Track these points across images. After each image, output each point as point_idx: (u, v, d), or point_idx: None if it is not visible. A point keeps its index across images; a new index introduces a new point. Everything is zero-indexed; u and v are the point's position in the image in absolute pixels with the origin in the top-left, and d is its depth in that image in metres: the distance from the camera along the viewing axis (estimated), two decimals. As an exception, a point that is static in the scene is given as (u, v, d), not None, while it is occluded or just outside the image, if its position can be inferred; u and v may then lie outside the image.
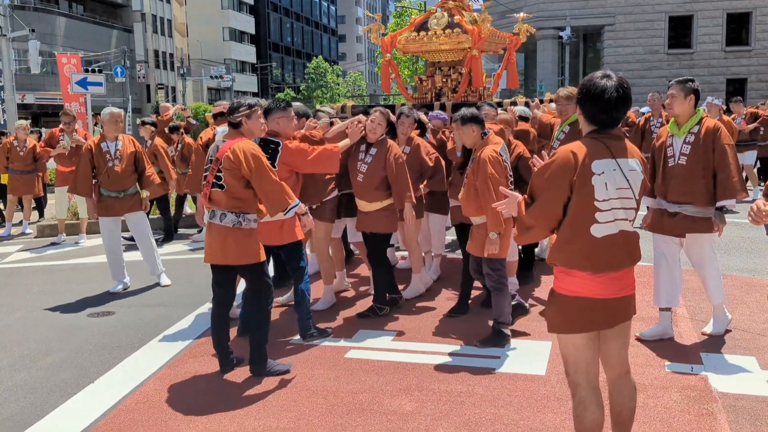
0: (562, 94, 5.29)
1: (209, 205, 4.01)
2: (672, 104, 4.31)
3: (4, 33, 15.18)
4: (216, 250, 3.97)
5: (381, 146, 5.09)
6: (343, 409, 3.60)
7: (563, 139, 5.26)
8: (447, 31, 6.88)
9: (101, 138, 6.31)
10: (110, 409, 3.72)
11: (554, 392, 3.71)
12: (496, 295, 4.51)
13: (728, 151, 4.18)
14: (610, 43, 39.44)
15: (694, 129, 4.26)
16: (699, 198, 4.26)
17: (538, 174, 2.64)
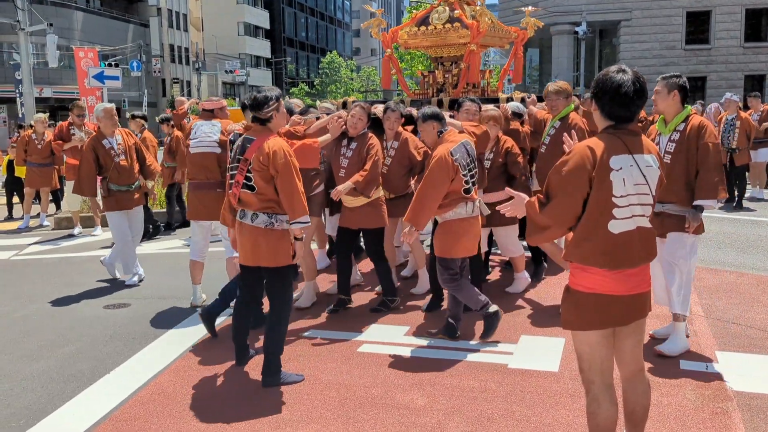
0: (551, 89, 5.19)
1: (238, 205, 3.85)
2: (656, 100, 4.19)
3: (23, 27, 15.33)
4: (248, 250, 3.82)
5: (361, 140, 5.09)
6: (356, 402, 3.61)
7: (554, 134, 5.17)
8: (447, 26, 6.80)
9: (100, 135, 6.32)
10: (125, 399, 3.76)
11: (567, 389, 3.70)
12: (455, 291, 4.45)
13: (711, 150, 4.01)
14: (627, 38, 39.08)
15: (680, 127, 4.11)
16: (682, 197, 4.10)
17: (555, 172, 2.62)
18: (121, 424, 3.46)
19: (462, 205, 4.37)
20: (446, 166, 4.25)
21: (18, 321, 5.37)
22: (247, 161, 3.72)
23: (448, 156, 4.26)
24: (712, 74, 37.29)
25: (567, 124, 5.03)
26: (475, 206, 4.45)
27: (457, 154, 4.32)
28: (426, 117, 4.52)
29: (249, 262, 3.86)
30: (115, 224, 6.31)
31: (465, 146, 4.42)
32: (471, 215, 4.43)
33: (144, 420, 3.49)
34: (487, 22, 6.76)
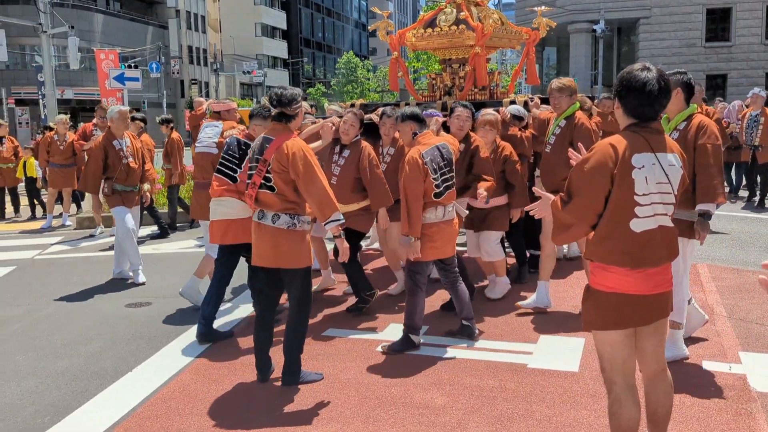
0: (554, 85, 4.97)
1: (255, 206, 3.76)
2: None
3: (45, 30, 15.57)
4: (267, 252, 3.73)
5: (354, 148, 5.06)
6: (375, 401, 3.62)
7: (559, 134, 4.93)
8: (453, 27, 6.73)
9: (110, 135, 6.43)
10: (148, 397, 3.81)
11: (588, 389, 3.68)
12: (409, 299, 4.36)
13: (709, 151, 3.77)
14: (646, 36, 38.71)
15: (681, 126, 3.89)
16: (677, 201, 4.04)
17: (576, 170, 2.61)
18: (143, 421, 3.51)
19: (431, 210, 4.27)
20: (416, 169, 4.18)
21: (42, 319, 5.45)
22: (266, 162, 3.66)
23: (418, 158, 4.20)
24: (732, 72, 36.81)
25: (573, 123, 4.84)
26: (447, 210, 4.34)
27: (427, 157, 4.23)
28: (404, 117, 4.47)
29: (267, 263, 3.77)
30: (122, 217, 6.41)
31: (439, 149, 4.33)
32: (442, 220, 4.31)
33: (166, 417, 3.53)
34: (491, 24, 6.63)
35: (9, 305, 5.91)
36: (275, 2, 64.73)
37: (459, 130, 5.10)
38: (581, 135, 4.73)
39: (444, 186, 4.30)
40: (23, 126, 28.90)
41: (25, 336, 5.02)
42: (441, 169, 4.29)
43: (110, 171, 6.37)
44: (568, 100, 4.89)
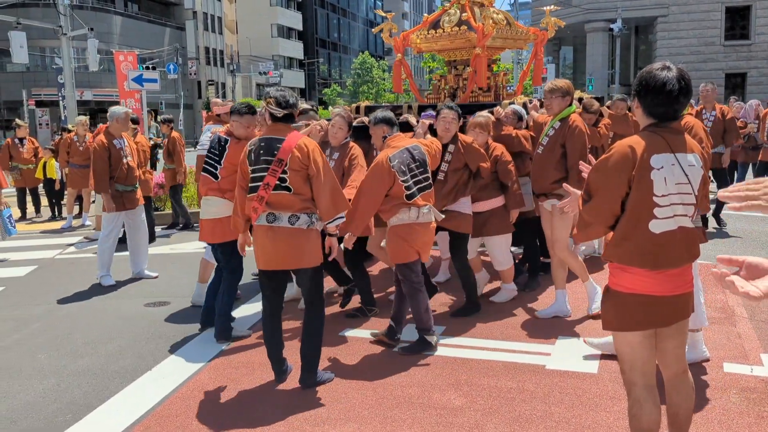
0: (546, 87, 4.84)
1: (267, 208, 3.66)
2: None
3: (65, 32, 15.76)
4: (287, 254, 3.69)
5: (342, 150, 5.05)
6: (393, 402, 3.63)
7: (552, 135, 4.78)
8: (455, 29, 6.66)
9: (110, 135, 6.53)
10: (167, 396, 3.84)
11: (607, 391, 3.65)
12: (411, 301, 4.35)
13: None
14: (663, 35, 38.36)
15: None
16: None
17: (594, 170, 2.60)
18: (163, 419, 3.54)
19: (405, 211, 4.24)
20: (381, 172, 4.16)
21: (63, 318, 5.52)
22: (282, 162, 3.63)
23: (385, 162, 4.18)
24: (752, 70, 36.37)
25: (567, 125, 4.71)
26: (421, 212, 4.28)
27: (395, 160, 4.20)
28: (376, 121, 4.45)
29: (286, 265, 3.76)
30: (110, 224, 6.53)
31: (410, 151, 4.30)
32: (416, 221, 4.27)
33: (185, 416, 3.56)
34: (492, 25, 6.51)
35: (30, 304, 6.00)
36: (291, 3, 64.97)
37: (445, 131, 5.00)
38: (573, 139, 4.64)
39: (417, 187, 4.26)
40: (43, 127, 29.28)
41: (47, 335, 5.08)
42: (412, 170, 4.26)
43: (112, 171, 6.48)
44: (560, 101, 4.74)
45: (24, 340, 4.96)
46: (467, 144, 5.03)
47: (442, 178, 4.99)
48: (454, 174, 5.02)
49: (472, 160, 5.02)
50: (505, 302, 5.41)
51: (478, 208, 5.21)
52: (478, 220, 5.23)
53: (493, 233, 5.25)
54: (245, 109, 4.80)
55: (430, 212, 4.37)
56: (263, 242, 3.72)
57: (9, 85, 36.05)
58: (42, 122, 29.67)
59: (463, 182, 5.04)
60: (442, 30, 6.79)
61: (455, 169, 5.02)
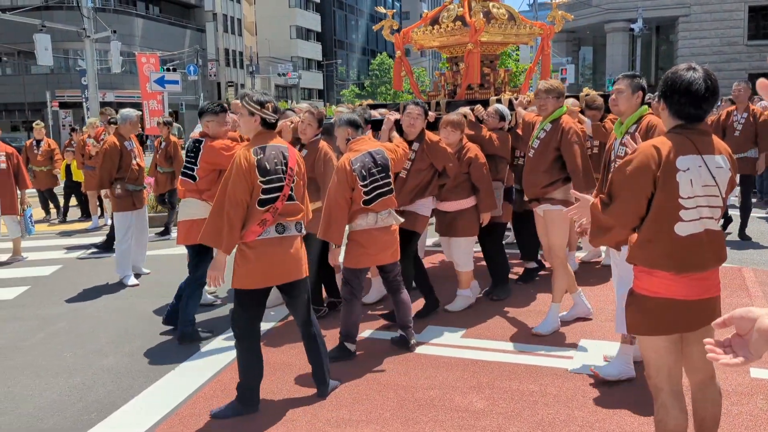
0: (541, 86, 4.68)
1: (279, 218, 3.50)
2: (618, 100, 3.76)
3: (88, 34, 15.98)
4: (298, 264, 3.59)
5: (312, 148, 5.02)
6: (414, 404, 3.63)
7: (544, 138, 4.61)
8: (452, 24, 6.49)
9: (121, 137, 6.63)
10: (190, 395, 3.87)
11: (631, 395, 3.61)
12: (344, 306, 4.31)
13: None
14: (685, 35, 37.90)
15: (632, 128, 3.71)
16: None
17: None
18: (186, 419, 3.57)
19: (363, 217, 4.19)
20: (343, 176, 4.11)
21: (87, 317, 5.59)
22: (293, 170, 3.56)
23: (346, 165, 4.12)
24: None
25: (560, 128, 4.54)
26: (380, 217, 4.22)
27: (356, 164, 4.13)
28: (341, 122, 4.36)
29: (295, 276, 3.59)
30: (125, 224, 6.64)
31: (372, 155, 4.22)
32: (374, 227, 4.21)
33: (206, 417, 3.59)
34: (481, 20, 6.26)
35: (55, 303, 6.08)
36: (309, 4, 65.24)
37: (410, 127, 4.90)
38: (569, 142, 4.49)
39: (375, 193, 4.19)
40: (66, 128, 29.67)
41: (71, 333, 5.15)
42: (373, 175, 4.18)
43: (122, 171, 6.57)
44: (555, 102, 4.59)
45: (49, 339, 5.04)
46: (433, 143, 4.90)
47: (403, 177, 4.90)
48: (417, 174, 4.90)
49: (437, 159, 4.89)
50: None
51: (447, 208, 5.11)
52: (445, 220, 5.15)
53: (458, 234, 5.13)
54: (219, 108, 4.87)
55: (390, 216, 4.30)
56: (273, 256, 3.49)
57: (33, 87, 36.59)
58: (65, 123, 30.07)
59: (425, 184, 4.91)
60: (439, 26, 6.66)
61: (418, 170, 4.89)
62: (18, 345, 4.94)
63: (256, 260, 3.46)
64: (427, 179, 4.92)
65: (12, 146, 8.42)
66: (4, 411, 3.79)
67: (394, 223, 4.35)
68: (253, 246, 3.46)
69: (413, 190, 4.90)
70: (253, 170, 3.40)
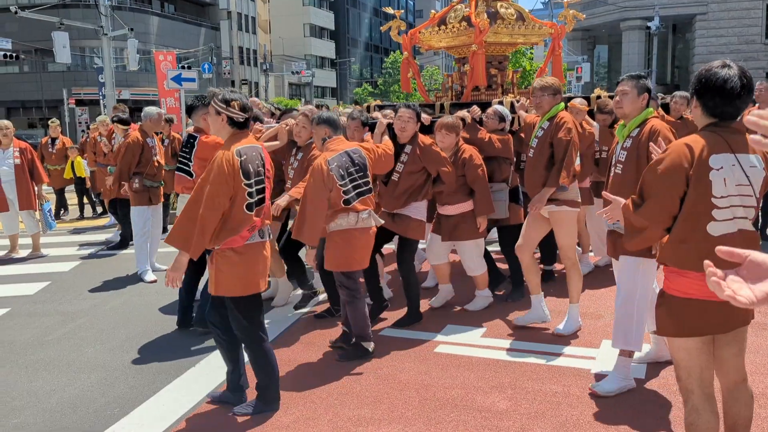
0: (536, 84, 4.55)
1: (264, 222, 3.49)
2: (622, 102, 3.58)
3: (106, 32, 16.10)
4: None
5: (306, 151, 5.00)
6: (436, 403, 3.61)
7: (542, 136, 4.51)
8: (459, 25, 6.41)
9: (144, 134, 6.68)
10: (212, 391, 3.87)
11: (655, 396, 3.58)
12: (348, 308, 4.28)
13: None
14: (702, 33, 37.54)
15: (634, 132, 3.56)
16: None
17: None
18: (209, 416, 3.58)
19: (343, 216, 4.14)
20: (320, 176, 4.05)
21: (108, 313, 5.63)
22: (269, 171, 3.55)
23: (323, 165, 4.06)
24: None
25: (555, 124, 4.45)
26: (360, 218, 4.17)
27: (333, 164, 4.08)
28: (318, 121, 4.30)
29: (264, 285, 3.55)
30: (142, 219, 6.70)
31: (349, 155, 4.18)
32: (354, 227, 4.16)
33: (228, 412, 3.59)
34: (485, 21, 6.17)
35: (76, 299, 6.12)
36: (323, 3, 65.30)
37: (401, 131, 4.79)
38: (559, 133, 4.40)
39: (355, 192, 4.15)
40: (83, 125, 29.91)
41: (93, 329, 5.18)
42: (351, 174, 4.14)
43: (142, 167, 6.63)
44: (551, 99, 4.48)
45: (71, 334, 5.07)
46: (425, 146, 4.81)
47: (395, 179, 4.82)
48: (409, 177, 4.80)
49: (430, 163, 4.80)
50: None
51: (448, 212, 5.03)
52: (449, 224, 5.05)
53: (463, 238, 5.04)
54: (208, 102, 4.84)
55: (370, 217, 4.24)
56: (258, 261, 3.43)
57: (50, 84, 36.91)
58: (81, 121, 30.30)
59: (418, 186, 4.83)
60: (445, 26, 6.57)
61: (410, 172, 4.80)
62: (41, 340, 4.97)
63: (246, 265, 3.37)
64: (420, 182, 4.83)
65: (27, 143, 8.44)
66: (26, 405, 3.82)
67: (374, 224, 4.29)
68: (240, 251, 3.35)
69: (405, 192, 4.80)
70: (237, 174, 3.27)
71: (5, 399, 3.91)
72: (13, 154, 7.79)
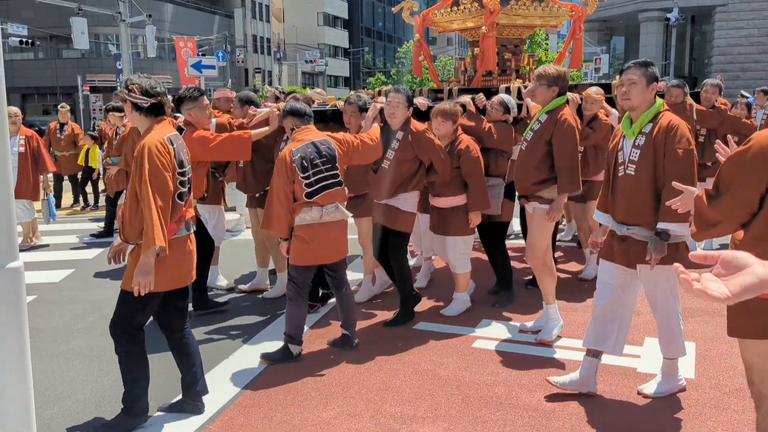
0: (535, 72, 4.18)
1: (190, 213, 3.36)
2: (629, 93, 3.26)
3: (124, 18, 16.02)
4: (192, 267, 3.40)
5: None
6: (480, 401, 3.50)
7: (537, 130, 4.18)
8: (469, 6, 6.11)
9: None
10: (246, 386, 3.79)
11: (709, 399, 3.45)
12: (288, 305, 4.11)
13: (680, 158, 3.14)
14: (722, 25, 37.04)
15: (647, 128, 3.25)
16: (649, 219, 3.24)
17: (728, 163, 2.41)
18: (248, 409, 3.49)
19: (306, 210, 3.95)
20: (283, 167, 3.92)
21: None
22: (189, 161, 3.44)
23: (287, 157, 3.92)
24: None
25: (554, 118, 4.12)
26: (325, 211, 3.97)
27: (297, 155, 3.91)
28: (285, 113, 4.15)
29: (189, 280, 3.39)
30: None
31: (316, 145, 3.98)
32: (317, 221, 3.96)
33: (267, 408, 3.50)
34: (497, 1, 5.83)
35: (101, 287, 6.07)
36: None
37: (390, 117, 4.54)
38: (561, 136, 4.09)
39: (321, 185, 3.95)
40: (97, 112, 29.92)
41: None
42: (316, 166, 3.93)
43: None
44: (545, 91, 4.11)
45: (99, 323, 5.00)
46: (418, 132, 4.56)
47: (385, 167, 4.59)
48: (400, 165, 4.55)
49: (422, 151, 4.56)
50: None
51: (440, 204, 4.78)
52: (439, 216, 4.82)
53: (451, 233, 4.78)
54: (197, 92, 4.75)
55: (337, 211, 4.03)
56: (186, 256, 3.30)
57: (65, 71, 36.93)
58: (95, 107, 30.32)
59: (409, 176, 4.58)
60: (458, 8, 6.29)
61: (402, 160, 4.55)
62: (70, 328, 4.91)
63: (171, 263, 3.16)
64: (411, 171, 4.59)
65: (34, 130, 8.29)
66: (61, 396, 3.76)
67: (342, 218, 4.09)
68: (170, 245, 3.11)
69: (395, 181, 4.55)
70: (173, 159, 3.12)
71: (39, 389, 3.83)
72: (19, 142, 7.65)
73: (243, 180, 5.40)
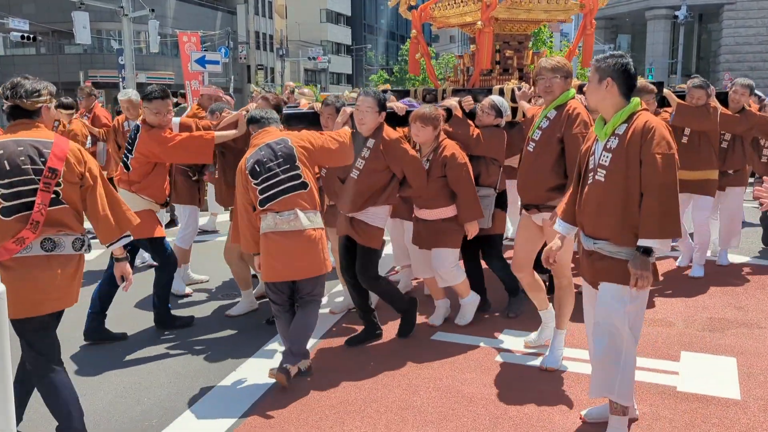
0: (546, 65, 3.72)
1: (39, 233, 2.78)
2: (587, 92, 2.99)
3: (126, 13, 15.77)
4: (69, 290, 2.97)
5: None
6: (509, 423, 3.24)
7: (546, 128, 3.74)
8: (465, 1, 5.73)
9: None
10: (257, 401, 3.53)
11: (759, 422, 3.19)
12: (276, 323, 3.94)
13: (659, 165, 2.71)
14: (730, 23, 36.76)
15: (620, 129, 2.87)
16: (617, 232, 2.85)
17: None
18: (258, 429, 3.23)
19: (263, 218, 3.62)
20: (239, 177, 3.70)
21: (140, 315, 5.29)
22: (55, 171, 2.87)
23: (242, 165, 3.69)
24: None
25: (564, 113, 3.69)
26: (279, 219, 3.57)
27: (251, 161, 3.64)
28: (247, 123, 4.01)
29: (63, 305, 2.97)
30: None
31: (271, 147, 3.67)
32: (273, 230, 3.58)
33: (279, 428, 3.24)
34: None
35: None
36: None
37: (359, 123, 4.12)
38: (571, 130, 3.64)
39: (274, 191, 3.59)
40: (99, 108, 29.73)
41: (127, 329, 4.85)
42: (271, 169, 3.60)
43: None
44: (563, 84, 3.70)
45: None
46: (390, 140, 4.12)
47: (354, 177, 4.16)
48: (370, 176, 4.13)
49: (394, 161, 4.14)
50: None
51: (427, 216, 4.40)
52: (426, 230, 4.43)
53: (440, 245, 4.40)
54: (157, 94, 4.50)
55: (296, 218, 3.58)
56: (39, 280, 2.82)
57: (67, 66, 36.69)
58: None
59: (379, 188, 4.16)
60: (454, 1, 5.91)
61: (372, 170, 4.13)
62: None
63: (16, 283, 2.70)
64: (381, 183, 4.16)
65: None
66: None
67: (303, 227, 3.59)
68: (7, 266, 2.72)
69: (363, 193, 4.13)
70: None
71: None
72: None
73: (219, 193, 5.16)
